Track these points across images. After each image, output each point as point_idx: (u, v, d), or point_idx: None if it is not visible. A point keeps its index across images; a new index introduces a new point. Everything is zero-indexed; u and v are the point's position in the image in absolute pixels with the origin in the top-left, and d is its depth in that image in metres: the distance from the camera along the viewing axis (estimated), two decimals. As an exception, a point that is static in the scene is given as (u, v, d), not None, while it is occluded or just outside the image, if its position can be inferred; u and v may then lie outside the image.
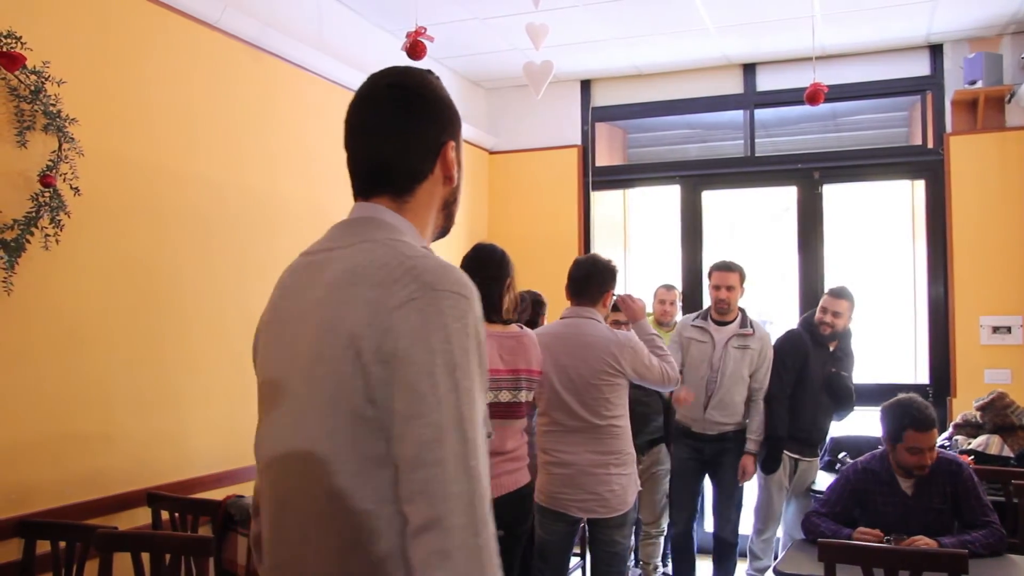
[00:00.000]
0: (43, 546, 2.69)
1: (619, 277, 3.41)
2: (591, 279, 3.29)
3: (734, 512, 4.28)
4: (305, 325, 1.15)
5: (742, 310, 4.29)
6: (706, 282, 4.42)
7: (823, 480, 4.38)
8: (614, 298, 3.42)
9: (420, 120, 1.23)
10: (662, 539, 4.63)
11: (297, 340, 1.16)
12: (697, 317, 4.37)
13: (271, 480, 1.20)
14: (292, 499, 1.15)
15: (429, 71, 1.29)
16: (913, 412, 3.00)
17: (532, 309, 4.05)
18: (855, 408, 4.37)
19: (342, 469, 1.09)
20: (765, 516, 4.33)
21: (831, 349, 4.26)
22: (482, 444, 1.06)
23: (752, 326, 4.23)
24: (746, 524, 4.42)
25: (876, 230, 5.89)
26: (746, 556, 4.46)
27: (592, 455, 3.16)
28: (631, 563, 4.75)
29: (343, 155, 1.27)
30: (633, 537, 4.73)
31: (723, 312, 4.25)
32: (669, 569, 4.70)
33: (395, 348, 1.04)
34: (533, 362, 2.98)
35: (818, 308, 4.27)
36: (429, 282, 1.07)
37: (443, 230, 1.32)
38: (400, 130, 1.22)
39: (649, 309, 5.08)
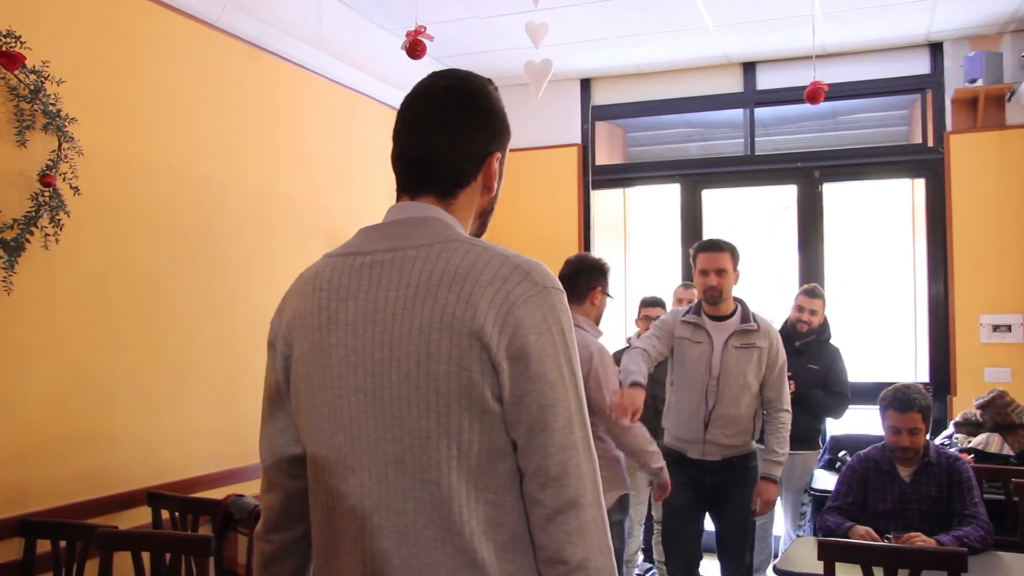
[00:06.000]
0: (43, 545, 2.69)
1: (619, 276, 3.39)
2: (579, 275, 3.27)
3: (748, 553, 3.51)
4: (397, 325, 1.12)
5: (740, 302, 3.52)
6: None
7: (821, 478, 4.39)
8: (609, 299, 3.39)
9: (472, 125, 1.25)
10: None
11: (386, 340, 1.12)
12: (688, 312, 3.54)
13: (357, 486, 1.13)
14: (394, 502, 1.11)
15: (489, 80, 1.31)
16: (896, 394, 3.15)
17: None
18: (849, 405, 4.50)
19: (463, 464, 1.09)
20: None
21: (796, 345, 4.37)
22: None
23: (755, 320, 3.47)
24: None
25: (876, 229, 5.90)
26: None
27: None
28: (640, 559, 4.76)
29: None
30: (643, 537, 4.75)
31: (714, 302, 3.43)
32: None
33: (525, 344, 1.09)
34: None
35: (793, 308, 4.48)
36: (539, 280, 1.12)
37: (475, 236, 1.32)
38: (451, 131, 1.23)
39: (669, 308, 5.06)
